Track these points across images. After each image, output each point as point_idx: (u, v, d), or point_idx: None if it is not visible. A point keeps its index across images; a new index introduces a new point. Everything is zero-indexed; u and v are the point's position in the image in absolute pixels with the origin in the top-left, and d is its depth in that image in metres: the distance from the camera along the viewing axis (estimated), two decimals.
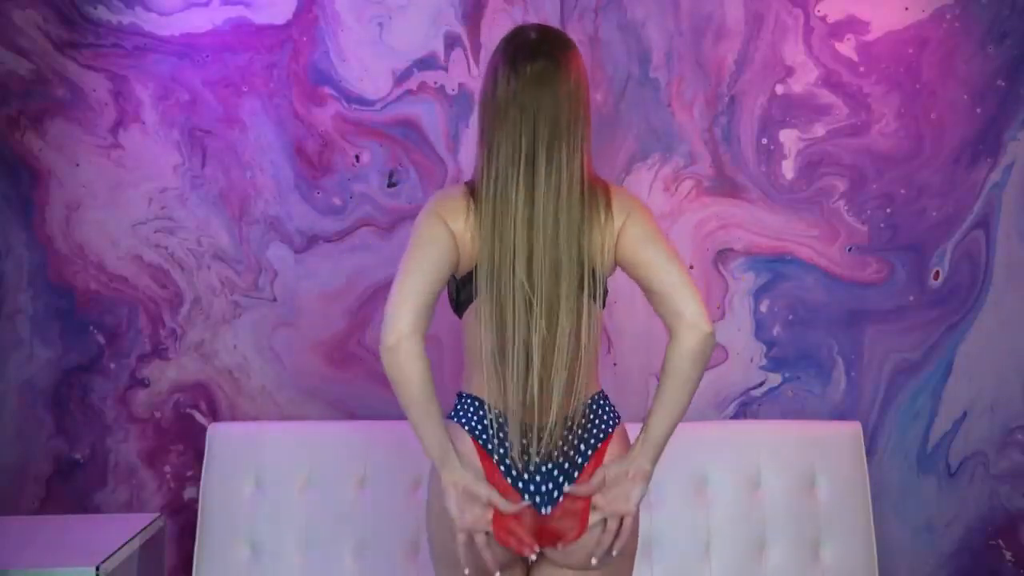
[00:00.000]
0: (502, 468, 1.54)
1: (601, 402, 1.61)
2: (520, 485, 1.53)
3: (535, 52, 1.50)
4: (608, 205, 1.53)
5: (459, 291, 1.57)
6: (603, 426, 1.59)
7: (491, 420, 1.54)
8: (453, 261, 1.51)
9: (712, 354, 1.49)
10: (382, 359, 1.43)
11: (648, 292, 1.53)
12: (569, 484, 1.54)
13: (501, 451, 1.54)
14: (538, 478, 1.54)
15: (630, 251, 1.53)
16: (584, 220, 1.50)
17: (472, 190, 1.54)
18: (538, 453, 1.53)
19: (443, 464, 1.49)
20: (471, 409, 1.58)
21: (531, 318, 1.48)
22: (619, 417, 1.63)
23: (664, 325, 1.51)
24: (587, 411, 1.58)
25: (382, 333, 1.42)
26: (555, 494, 1.54)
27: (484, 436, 1.55)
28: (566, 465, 1.55)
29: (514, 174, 1.48)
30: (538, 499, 1.54)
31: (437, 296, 1.48)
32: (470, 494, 1.49)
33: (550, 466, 1.54)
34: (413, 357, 1.41)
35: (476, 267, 1.52)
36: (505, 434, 1.54)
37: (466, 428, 1.57)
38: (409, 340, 1.41)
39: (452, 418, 1.60)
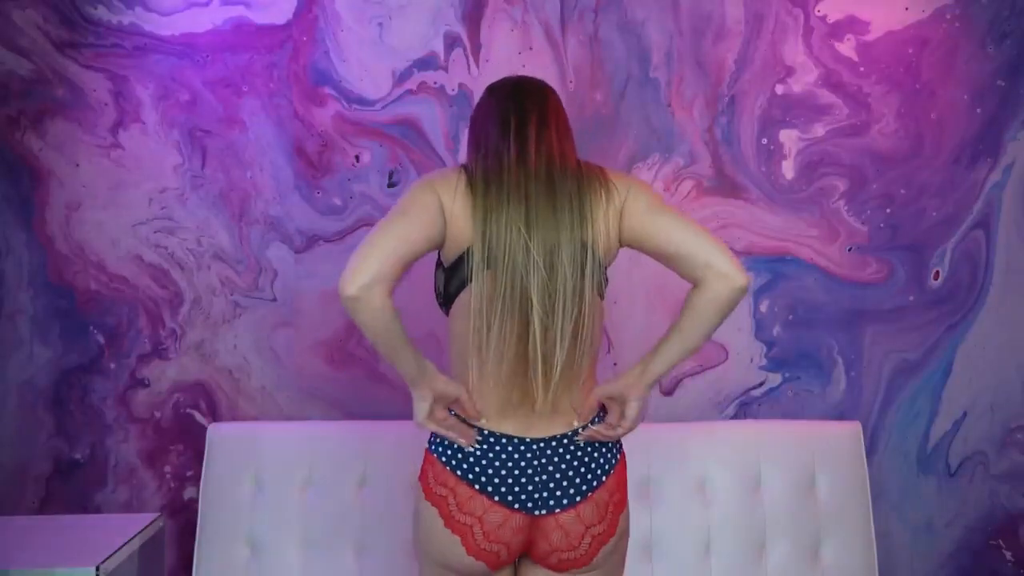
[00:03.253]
0: (488, 491, 1.51)
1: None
2: (510, 498, 1.51)
3: (517, 79, 1.64)
4: (606, 181, 1.51)
5: (448, 280, 1.54)
6: (609, 456, 1.57)
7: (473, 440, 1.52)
8: (435, 233, 1.46)
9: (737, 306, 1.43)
10: (343, 305, 1.37)
11: (668, 259, 1.46)
12: (568, 501, 1.51)
13: (483, 478, 1.51)
14: (530, 487, 1.52)
15: (637, 223, 1.49)
16: (579, 186, 1.48)
17: (466, 169, 1.53)
18: (546, 394, 1.47)
19: (422, 375, 1.47)
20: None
21: (529, 262, 1.43)
22: (622, 447, 1.61)
23: (692, 282, 1.44)
24: (597, 421, 1.56)
25: (340, 281, 1.36)
26: (551, 502, 1.52)
27: (464, 465, 1.52)
28: (566, 484, 1.52)
29: (506, 140, 1.49)
30: (530, 504, 1.52)
31: (408, 260, 1.41)
32: (444, 395, 1.50)
33: (550, 484, 1.52)
34: (376, 308, 1.36)
35: (472, 238, 1.46)
36: (495, 455, 1.52)
37: (442, 459, 1.54)
38: (370, 290, 1.34)
39: (429, 447, 1.58)
